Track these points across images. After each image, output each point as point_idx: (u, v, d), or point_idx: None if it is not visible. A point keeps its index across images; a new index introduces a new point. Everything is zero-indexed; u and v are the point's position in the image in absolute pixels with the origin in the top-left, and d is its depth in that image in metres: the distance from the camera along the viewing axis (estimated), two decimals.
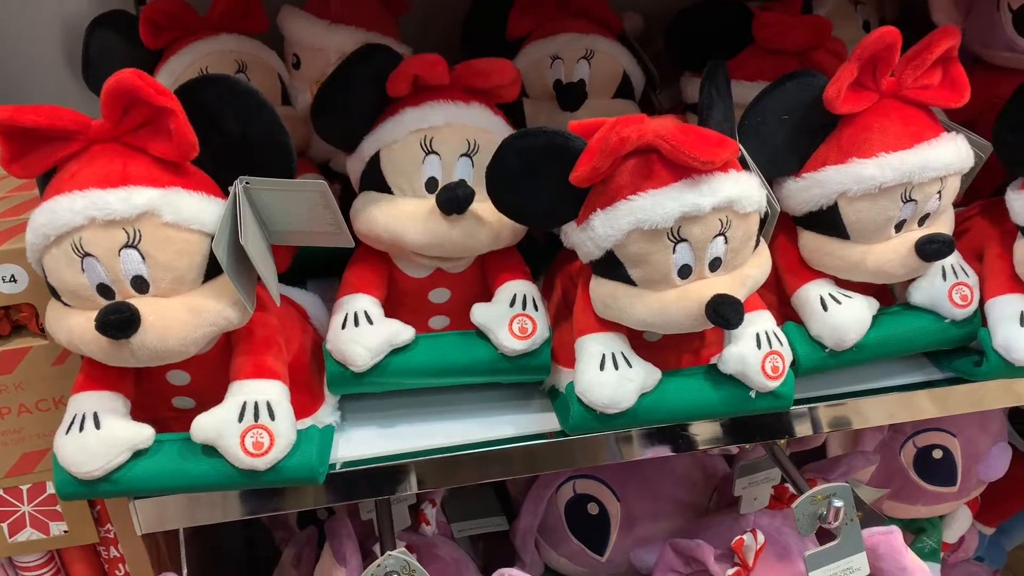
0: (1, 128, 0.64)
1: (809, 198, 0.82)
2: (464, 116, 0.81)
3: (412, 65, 0.79)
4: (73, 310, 0.68)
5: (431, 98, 0.81)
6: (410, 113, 0.80)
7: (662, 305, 0.74)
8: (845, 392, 0.90)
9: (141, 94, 0.63)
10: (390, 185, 0.81)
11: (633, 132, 0.68)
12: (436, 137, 0.79)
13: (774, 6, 1.01)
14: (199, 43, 0.94)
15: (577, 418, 0.79)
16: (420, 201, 0.80)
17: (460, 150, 0.80)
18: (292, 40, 1.02)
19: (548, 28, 1.03)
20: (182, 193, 0.67)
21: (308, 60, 1.01)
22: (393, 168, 0.80)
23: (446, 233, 0.78)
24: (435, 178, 0.80)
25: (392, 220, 0.79)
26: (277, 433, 0.71)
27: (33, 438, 0.82)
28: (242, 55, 0.95)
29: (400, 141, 0.80)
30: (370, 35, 1.00)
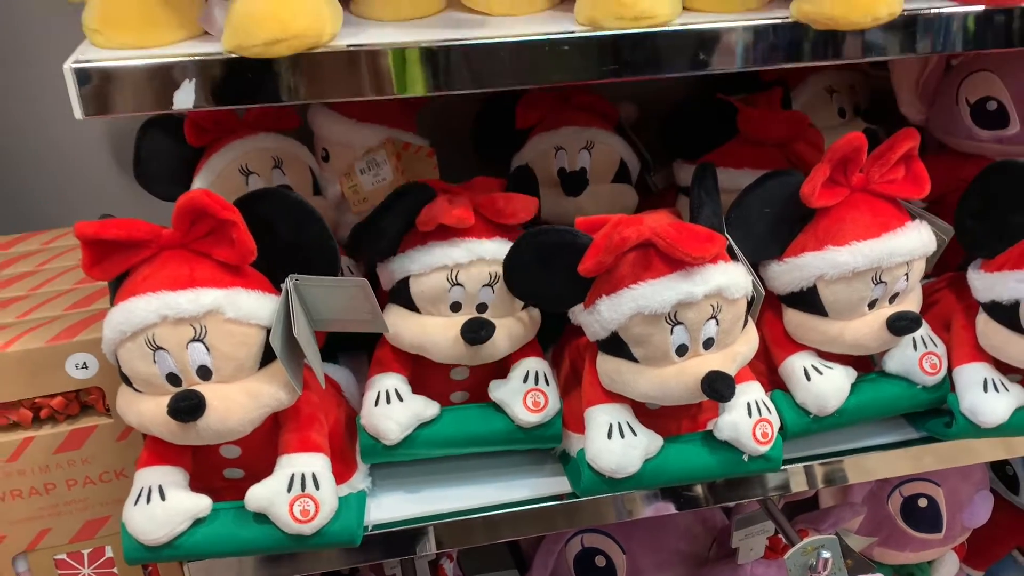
0: (86, 240, 0.74)
1: (790, 280, 0.92)
2: (488, 251, 0.87)
3: (443, 212, 0.86)
4: (144, 396, 0.77)
5: (457, 235, 0.87)
6: (438, 249, 0.87)
7: (662, 380, 0.83)
8: (833, 452, 0.99)
9: (208, 209, 0.73)
10: (417, 307, 0.90)
11: (633, 232, 0.78)
12: (462, 272, 0.88)
13: (756, 99, 1.12)
14: (239, 142, 1.04)
15: (587, 482, 0.88)
16: (446, 321, 0.89)
17: (483, 282, 0.88)
18: (321, 136, 1.13)
19: (552, 121, 1.14)
20: (242, 292, 0.77)
21: (336, 154, 1.12)
22: (421, 296, 0.89)
23: (468, 356, 0.88)
24: (459, 302, 0.89)
25: (419, 337, 0.89)
26: (322, 501, 0.80)
27: (96, 506, 0.91)
28: (278, 151, 1.05)
29: (428, 275, 0.88)
30: (392, 131, 1.10)
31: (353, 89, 0.71)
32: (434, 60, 0.71)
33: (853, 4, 0.72)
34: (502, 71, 0.73)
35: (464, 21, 0.77)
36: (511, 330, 0.90)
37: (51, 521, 0.90)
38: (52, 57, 1.10)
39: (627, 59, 0.74)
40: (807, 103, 1.22)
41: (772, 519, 1.06)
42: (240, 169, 1.02)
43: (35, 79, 1.15)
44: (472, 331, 0.85)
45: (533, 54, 0.72)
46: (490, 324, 0.86)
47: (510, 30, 0.73)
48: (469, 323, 0.86)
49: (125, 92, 0.67)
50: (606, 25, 0.73)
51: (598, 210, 1.11)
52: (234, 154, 1.03)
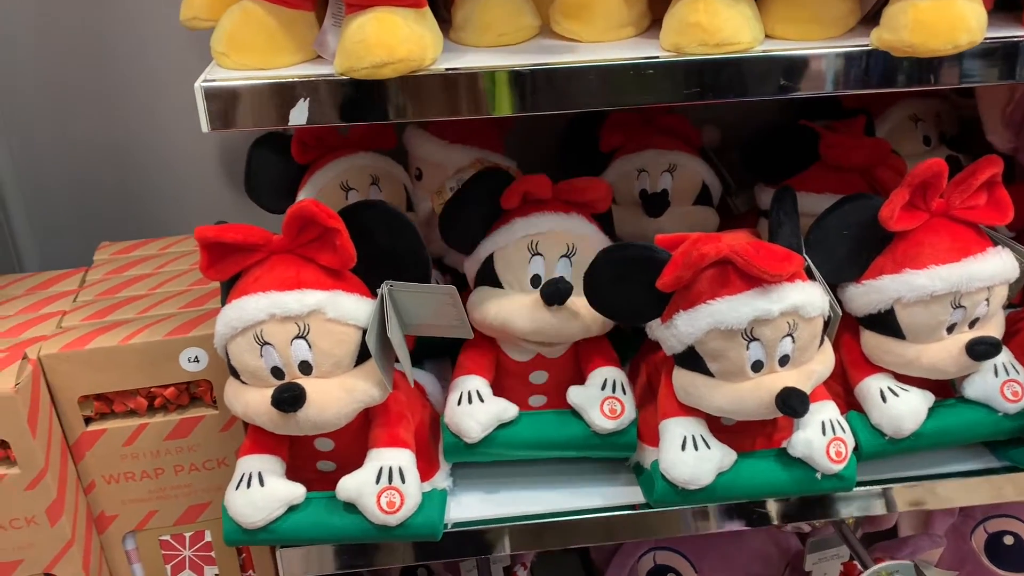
0: (206, 242, 0.81)
1: (868, 302, 0.93)
2: (564, 224, 0.95)
3: (523, 183, 0.95)
4: (250, 387, 0.84)
5: (537, 209, 0.95)
6: (520, 222, 0.95)
7: (737, 395, 0.86)
8: (909, 476, 0.99)
9: (316, 217, 0.79)
10: (501, 281, 0.95)
11: (711, 249, 0.82)
12: (541, 241, 0.94)
13: (838, 126, 1.14)
14: (340, 160, 1.11)
15: (660, 492, 0.91)
16: (526, 295, 0.94)
17: (561, 252, 0.94)
18: (416, 156, 1.19)
19: (635, 143, 1.18)
20: (342, 295, 0.83)
21: (429, 173, 1.18)
22: (504, 266, 0.95)
23: (547, 320, 0.92)
24: (539, 275, 0.94)
25: (502, 311, 0.93)
26: (407, 494, 0.85)
27: (199, 492, 0.98)
28: (375, 170, 1.12)
29: (511, 245, 0.95)
30: (482, 153, 1.16)
31: (451, 109, 0.76)
32: (522, 82, 0.76)
33: (933, 31, 0.74)
34: (587, 92, 0.77)
35: (554, 47, 0.82)
36: (587, 311, 0.92)
37: (158, 504, 0.97)
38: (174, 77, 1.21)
39: (709, 83, 0.78)
40: (891, 131, 1.23)
41: (846, 542, 1.06)
42: (341, 185, 1.09)
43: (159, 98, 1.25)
44: (551, 286, 0.89)
45: (618, 77, 0.77)
46: (568, 283, 0.90)
47: (596, 55, 0.78)
48: (549, 283, 0.90)
49: (247, 109, 0.74)
50: (690, 51, 0.76)
51: (678, 231, 1.14)
52: (335, 171, 1.10)
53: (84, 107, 1.25)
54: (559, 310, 0.92)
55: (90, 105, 1.24)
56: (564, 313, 0.92)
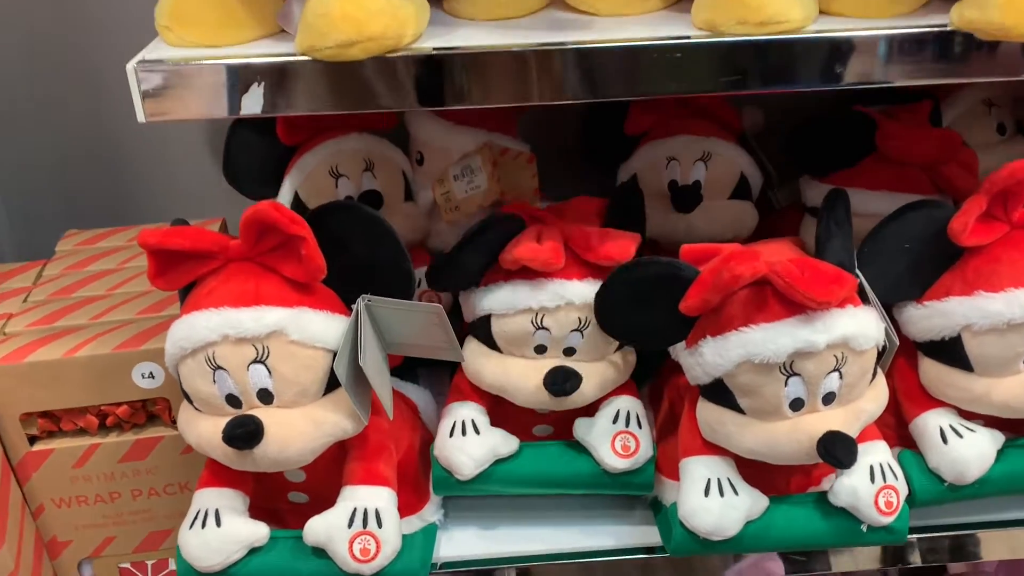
0: (150, 249, 0.69)
1: (931, 327, 0.79)
2: (577, 294, 0.79)
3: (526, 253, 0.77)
4: (203, 416, 0.73)
5: (544, 275, 0.79)
6: (522, 290, 0.79)
7: (771, 437, 0.73)
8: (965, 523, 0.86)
9: (276, 223, 0.67)
10: (499, 346, 0.82)
11: (747, 269, 0.68)
12: (547, 316, 0.79)
13: (900, 112, 0.99)
14: (331, 142, 0.99)
15: (679, 541, 0.78)
16: (529, 364, 0.81)
17: (570, 327, 0.80)
18: (417, 138, 1.06)
19: (666, 128, 1.04)
20: (308, 313, 0.71)
21: (432, 158, 1.05)
22: (503, 337, 0.81)
23: (554, 403, 0.81)
24: (544, 346, 0.81)
25: (501, 379, 0.81)
26: (383, 540, 0.73)
27: (160, 519, 0.88)
28: (370, 154, 0.99)
29: (512, 315, 0.80)
30: (491, 136, 1.03)
31: (434, 97, 0.64)
32: (524, 66, 0.63)
33: None
34: (603, 80, 0.65)
35: (566, 22, 0.69)
36: (603, 376, 0.81)
37: (116, 530, 0.87)
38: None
39: (750, 69, 0.64)
40: (960, 117, 1.07)
41: None
42: (330, 170, 0.98)
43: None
44: (556, 383, 0.77)
45: (638, 61, 0.63)
46: (575, 375, 0.78)
47: (616, 33, 0.65)
48: (553, 374, 0.78)
49: (190, 95, 0.63)
50: (726, 31, 0.63)
51: (711, 229, 1.01)
52: (324, 155, 0.98)
53: (60, 80, 1.14)
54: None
55: (68, 81, 1.14)
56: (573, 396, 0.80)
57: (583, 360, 0.81)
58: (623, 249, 0.78)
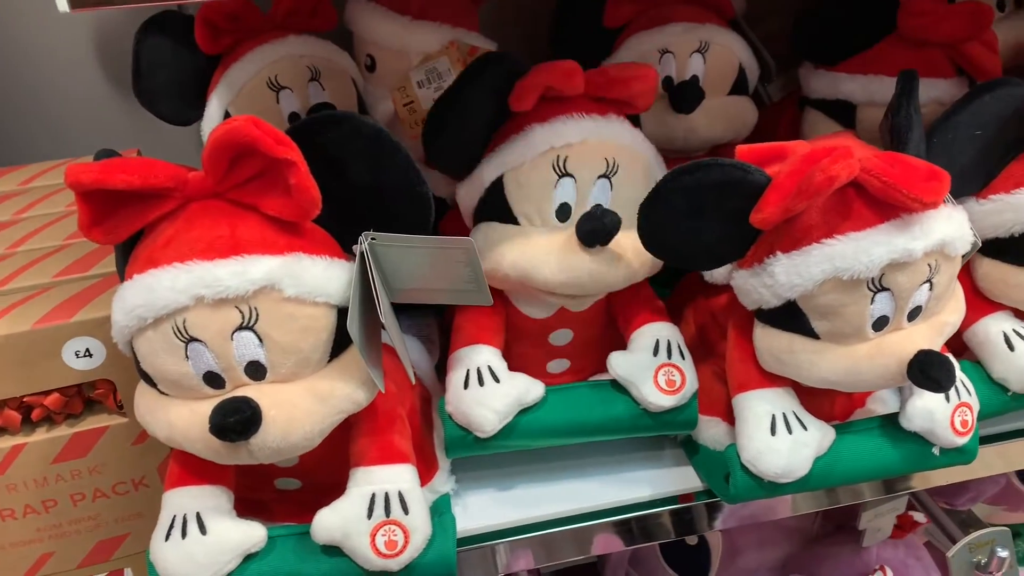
0: (83, 190, 0.51)
1: (999, 223, 0.71)
2: (602, 131, 0.69)
3: (543, 75, 0.68)
4: (173, 401, 0.56)
5: (561, 111, 0.69)
6: (539, 130, 0.68)
7: (852, 363, 0.63)
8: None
9: (257, 144, 0.51)
10: (516, 214, 0.69)
11: (843, 170, 0.57)
12: (571, 156, 0.68)
13: None
14: (265, 47, 0.81)
15: (741, 487, 0.69)
16: (552, 232, 0.68)
17: (598, 171, 0.68)
18: (366, 39, 0.89)
19: (654, 16, 0.91)
20: (304, 259, 0.55)
21: (385, 62, 0.89)
22: (520, 194, 0.69)
23: (585, 268, 0.67)
24: (568, 204, 0.69)
25: (521, 257, 0.68)
26: (412, 529, 0.60)
27: (111, 524, 0.71)
28: (314, 60, 0.83)
29: (528, 163, 0.68)
30: (456, 32, 0.87)
31: None
32: None
33: None
34: None
35: None
36: (632, 247, 0.68)
37: (53, 544, 0.70)
38: None
39: None
40: None
41: (927, 512, 0.88)
42: (269, 82, 0.81)
43: None
44: (592, 220, 0.65)
45: None
46: (614, 215, 0.65)
47: None
48: (589, 214, 0.65)
49: None
50: None
51: (712, 129, 0.90)
52: (259, 63, 0.81)
53: None
54: (599, 252, 0.67)
55: None
56: (606, 256, 0.67)
57: None
58: (643, 75, 0.70)
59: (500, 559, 0.74)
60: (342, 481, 0.63)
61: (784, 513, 0.78)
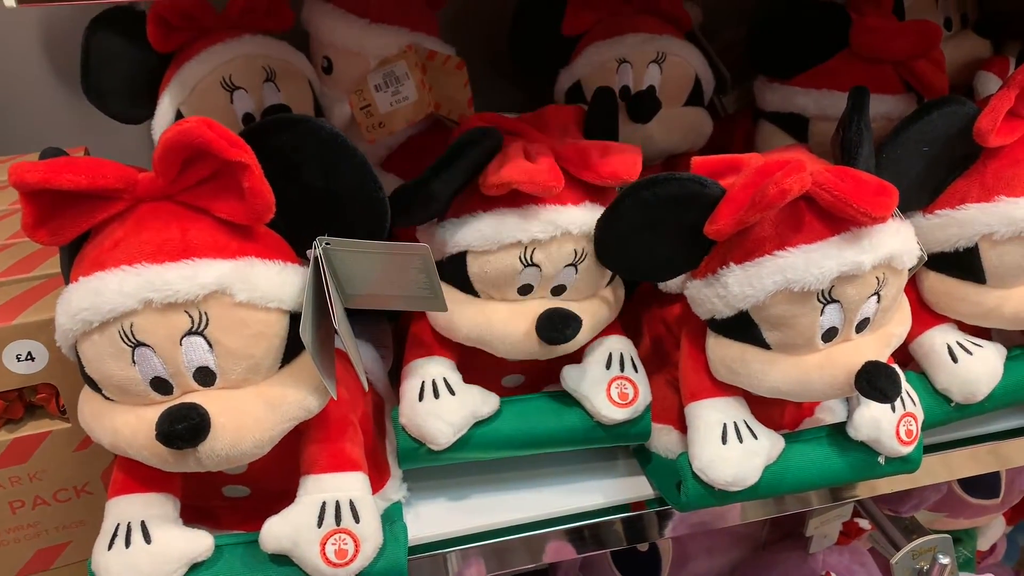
0: (27, 190, 0.50)
1: (944, 238, 0.73)
2: (575, 222, 0.66)
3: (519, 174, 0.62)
4: (118, 407, 0.55)
5: (534, 200, 0.65)
6: (509, 219, 0.65)
7: (802, 373, 0.64)
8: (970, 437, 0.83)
9: (210, 146, 0.50)
10: (476, 290, 0.69)
11: (795, 183, 0.58)
12: (539, 250, 0.66)
13: (861, 4, 0.90)
14: (219, 46, 0.80)
15: (692, 495, 0.69)
16: (513, 309, 0.68)
17: (566, 261, 0.67)
18: (323, 41, 0.88)
19: (612, 26, 0.91)
20: (256, 264, 0.54)
21: (343, 65, 0.88)
22: (483, 278, 0.67)
23: (543, 353, 0.68)
24: (531, 285, 0.68)
25: (478, 330, 0.68)
26: (363, 538, 0.60)
27: (51, 532, 0.69)
28: (269, 60, 0.81)
29: (494, 253, 0.66)
30: (414, 36, 0.86)
31: None
32: None
33: None
34: None
35: None
36: (595, 316, 0.70)
37: None
38: None
39: None
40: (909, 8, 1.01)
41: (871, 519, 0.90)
42: (223, 82, 0.80)
43: None
44: (553, 329, 0.65)
45: None
46: (575, 319, 0.65)
47: None
48: (549, 319, 0.65)
49: None
50: None
51: (669, 140, 0.91)
52: (213, 63, 0.80)
53: None
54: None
55: None
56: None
57: (574, 299, 0.69)
58: (629, 165, 0.65)
59: (451, 567, 0.73)
60: (292, 489, 0.62)
61: (733, 521, 0.79)
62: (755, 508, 0.78)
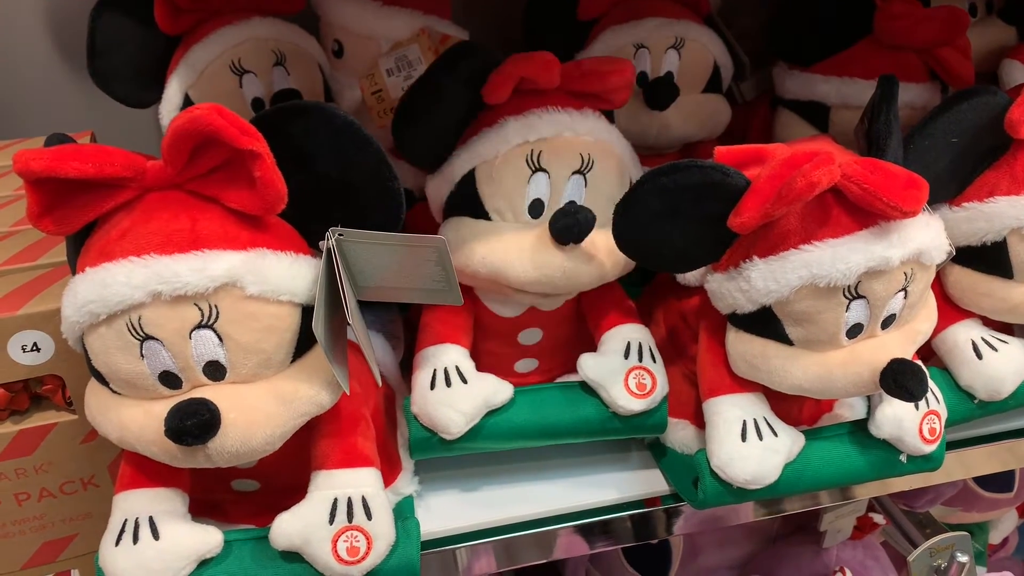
0: (33, 177, 0.48)
1: (971, 231, 0.71)
2: (577, 126, 0.68)
3: (518, 66, 0.67)
4: (126, 401, 0.54)
5: (536, 104, 0.67)
6: (513, 124, 0.67)
7: (825, 370, 0.63)
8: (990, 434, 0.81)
9: (221, 134, 0.48)
10: (487, 209, 0.68)
11: (824, 176, 0.56)
12: (545, 151, 0.66)
13: None
14: (227, 29, 0.78)
15: (710, 492, 0.68)
16: (524, 228, 0.67)
17: (573, 167, 0.67)
18: (334, 24, 0.86)
19: (629, 10, 0.89)
20: (268, 255, 0.53)
21: (354, 49, 0.86)
22: (492, 188, 0.67)
23: (558, 265, 0.66)
24: (542, 200, 0.67)
25: (492, 252, 0.66)
26: (375, 535, 0.58)
27: (57, 524, 0.68)
28: (280, 43, 0.80)
29: (501, 156, 0.67)
30: (427, 19, 0.85)
31: None
32: None
33: None
34: None
35: None
36: (605, 247, 0.67)
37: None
38: None
39: None
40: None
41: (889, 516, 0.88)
42: (232, 66, 0.78)
43: None
44: (566, 216, 0.63)
45: None
46: (589, 212, 0.64)
47: None
48: (564, 210, 0.64)
49: None
50: None
51: (686, 128, 0.89)
52: (222, 45, 0.78)
53: None
54: (573, 250, 0.65)
55: None
56: (579, 254, 0.66)
57: None
58: (620, 70, 0.69)
59: (461, 562, 0.72)
60: (302, 483, 0.61)
61: (747, 518, 0.77)
62: (768, 504, 0.77)
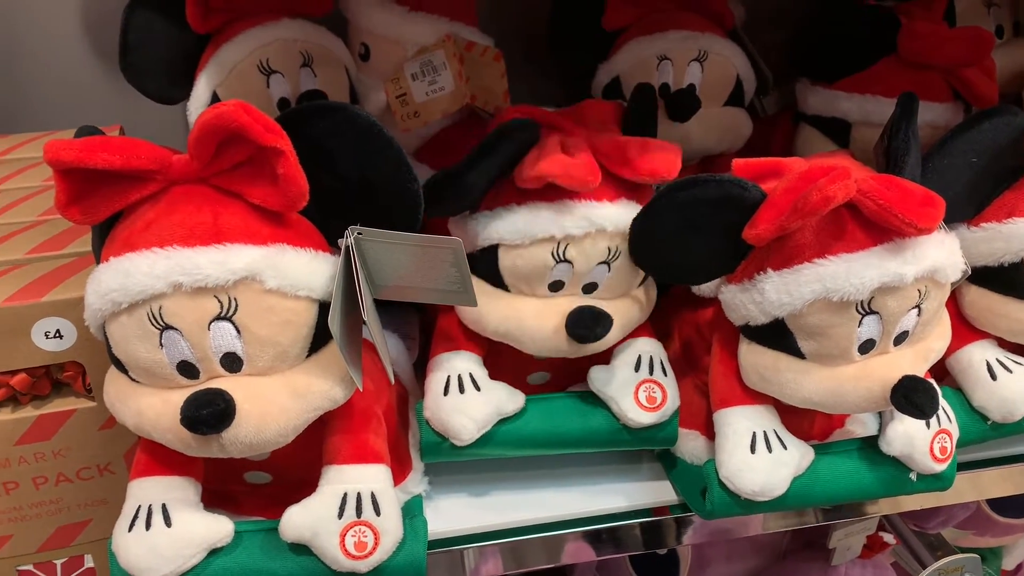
0: (62, 168, 0.50)
1: (989, 252, 0.71)
2: (611, 219, 0.64)
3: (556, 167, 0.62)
4: (144, 389, 0.55)
5: (569, 195, 0.64)
6: (543, 214, 0.64)
7: (836, 384, 0.63)
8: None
9: (245, 131, 0.49)
10: (507, 285, 0.68)
11: (840, 190, 0.56)
12: (572, 245, 0.65)
13: (912, 9, 0.88)
14: (257, 29, 0.79)
15: (718, 503, 0.68)
16: (543, 305, 0.67)
17: (599, 258, 0.66)
18: (361, 28, 0.87)
19: (654, 22, 0.90)
20: (288, 251, 0.54)
21: (380, 52, 0.87)
22: (513, 272, 0.67)
23: (572, 350, 0.67)
24: (562, 282, 0.67)
25: (507, 325, 0.67)
26: (383, 531, 0.59)
27: (73, 509, 0.69)
28: (307, 45, 0.81)
29: (526, 247, 0.65)
30: (453, 25, 0.86)
31: None
32: None
33: None
34: None
35: None
36: (626, 316, 0.69)
37: (13, 527, 0.68)
38: None
39: None
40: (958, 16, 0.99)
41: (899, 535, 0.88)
42: (259, 66, 0.79)
43: None
44: (583, 327, 0.64)
45: None
46: (605, 317, 0.64)
47: None
48: (579, 315, 0.64)
49: None
50: None
51: (707, 140, 0.90)
52: (251, 45, 0.79)
53: None
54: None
55: None
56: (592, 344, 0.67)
57: (606, 298, 0.68)
58: (668, 163, 0.64)
59: (468, 563, 0.73)
60: (313, 478, 0.62)
61: (755, 530, 0.77)
62: (777, 518, 0.77)
